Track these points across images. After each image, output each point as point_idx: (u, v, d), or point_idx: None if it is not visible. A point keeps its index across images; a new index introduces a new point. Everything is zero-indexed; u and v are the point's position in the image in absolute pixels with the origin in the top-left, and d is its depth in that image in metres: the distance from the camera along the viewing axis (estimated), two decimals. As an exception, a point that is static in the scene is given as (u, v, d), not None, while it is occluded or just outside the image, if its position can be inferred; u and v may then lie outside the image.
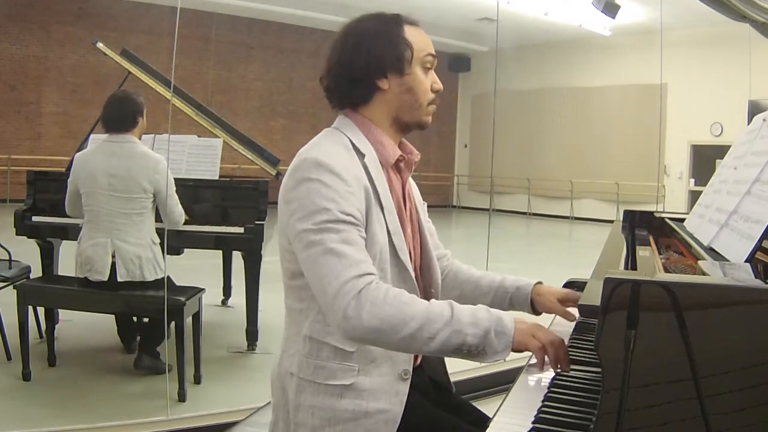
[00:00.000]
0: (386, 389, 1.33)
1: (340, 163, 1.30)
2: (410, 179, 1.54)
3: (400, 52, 1.38)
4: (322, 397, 1.32)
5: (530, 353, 1.27)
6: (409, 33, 1.40)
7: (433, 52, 1.44)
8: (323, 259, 1.22)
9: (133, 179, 3.14)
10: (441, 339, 1.19)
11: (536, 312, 1.55)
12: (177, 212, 3.30)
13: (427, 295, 1.48)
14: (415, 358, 1.41)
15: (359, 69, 1.38)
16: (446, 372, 1.59)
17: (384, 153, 1.41)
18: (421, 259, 1.51)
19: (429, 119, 1.45)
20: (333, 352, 1.32)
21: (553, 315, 1.58)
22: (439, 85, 1.44)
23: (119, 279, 3.13)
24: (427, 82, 1.42)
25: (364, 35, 1.39)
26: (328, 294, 1.20)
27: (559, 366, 1.23)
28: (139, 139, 3.30)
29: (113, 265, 3.13)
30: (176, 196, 3.30)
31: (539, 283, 1.55)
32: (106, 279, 3.13)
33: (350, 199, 1.27)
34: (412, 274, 1.40)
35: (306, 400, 1.33)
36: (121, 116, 3.21)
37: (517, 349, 1.23)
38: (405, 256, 1.38)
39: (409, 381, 1.35)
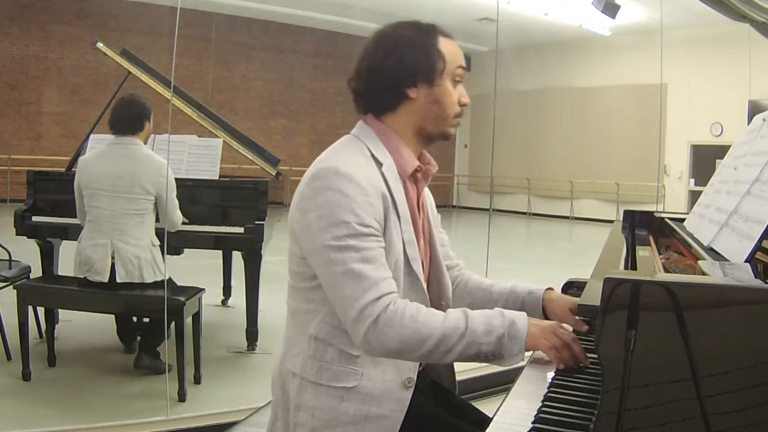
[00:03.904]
0: (389, 396, 1.32)
1: (359, 171, 1.30)
2: (426, 190, 1.54)
3: (433, 62, 1.37)
4: (324, 398, 1.31)
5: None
6: (443, 45, 1.40)
7: (464, 65, 1.44)
8: (344, 280, 1.24)
9: (137, 181, 3.17)
10: (457, 351, 1.24)
11: (547, 318, 1.54)
12: (177, 216, 3.34)
13: (437, 308, 1.45)
14: (420, 363, 1.41)
15: (390, 76, 1.37)
16: (453, 376, 1.58)
17: (402, 163, 1.40)
18: (431, 271, 1.50)
19: (453, 131, 1.45)
20: (338, 354, 1.32)
21: None
22: (466, 99, 1.43)
23: (118, 280, 3.14)
24: (456, 94, 1.41)
25: (398, 43, 1.38)
26: (349, 316, 1.24)
27: (579, 362, 1.26)
28: (145, 143, 3.35)
29: (113, 265, 3.14)
30: (176, 201, 3.32)
31: (550, 288, 1.55)
32: (106, 280, 3.14)
33: (369, 210, 1.27)
34: (424, 285, 1.40)
35: (307, 401, 1.32)
36: (130, 119, 3.25)
37: (531, 350, 1.28)
38: (418, 266, 1.38)
39: (413, 389, 1.35)
